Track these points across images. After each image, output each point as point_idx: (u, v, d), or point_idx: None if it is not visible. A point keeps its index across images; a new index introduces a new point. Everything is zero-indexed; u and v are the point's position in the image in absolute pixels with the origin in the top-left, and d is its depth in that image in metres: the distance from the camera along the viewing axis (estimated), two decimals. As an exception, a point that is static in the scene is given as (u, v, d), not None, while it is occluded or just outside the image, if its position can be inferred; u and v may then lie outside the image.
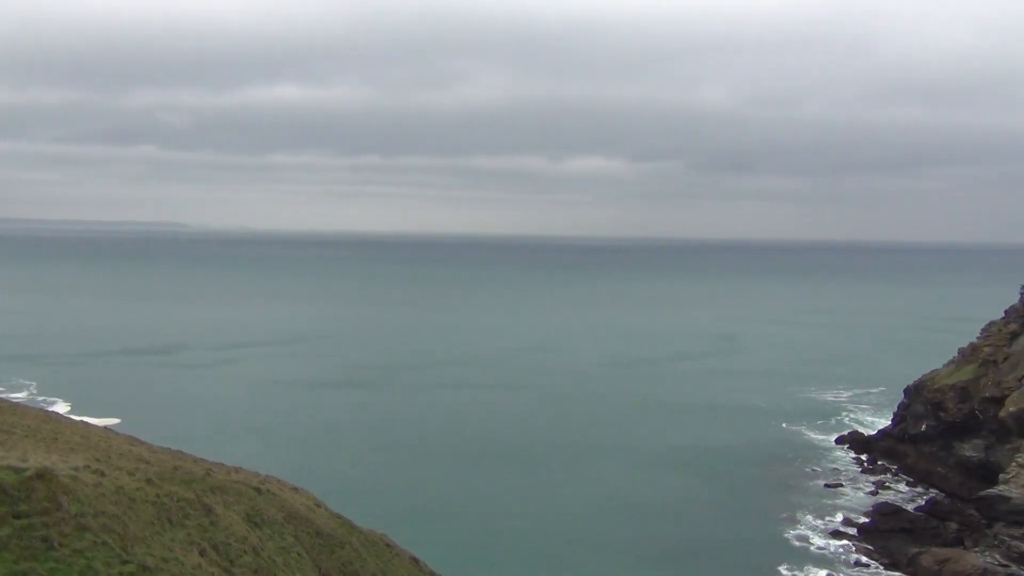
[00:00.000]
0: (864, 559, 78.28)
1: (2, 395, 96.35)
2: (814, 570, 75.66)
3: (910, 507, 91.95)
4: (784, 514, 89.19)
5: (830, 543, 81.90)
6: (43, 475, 22.81)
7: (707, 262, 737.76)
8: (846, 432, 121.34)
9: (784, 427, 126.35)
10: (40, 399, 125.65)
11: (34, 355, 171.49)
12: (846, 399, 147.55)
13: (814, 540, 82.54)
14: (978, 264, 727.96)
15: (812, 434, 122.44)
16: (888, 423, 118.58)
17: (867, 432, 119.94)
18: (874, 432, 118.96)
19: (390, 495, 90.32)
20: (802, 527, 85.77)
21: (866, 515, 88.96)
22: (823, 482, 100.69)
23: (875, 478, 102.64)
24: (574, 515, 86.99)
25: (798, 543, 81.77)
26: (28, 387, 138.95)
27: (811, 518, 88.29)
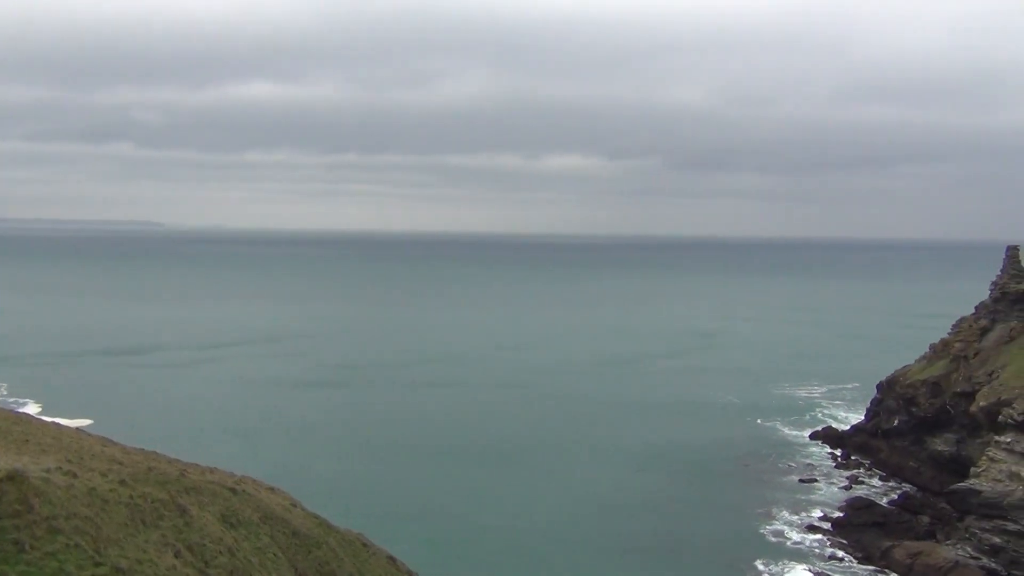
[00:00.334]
0: (839, 553, 79.09)
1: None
2: (790, 564, 76.35)
3: (883, 501, 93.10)
4: (759, 509, 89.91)
5: (805, 538, 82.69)
6: (14, 477, 22.55)
7: (683, 259, 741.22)
8: (820, 428, 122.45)
9: (759, 423, 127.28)
10: (11, 400, 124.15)
11: (4, 356, 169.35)
12: (820, 395, 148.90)
13: (789, 535, 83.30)
14: (949, 260, 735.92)
15: (787, 430, 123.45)
16: (861, 418, 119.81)
17: (841, 427, 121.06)
18: (847, 427, 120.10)
19: (367, 495, 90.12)
20: (777, 522, 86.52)
21: (840, 510, 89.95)
22: (798, 477, 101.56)
23: (849, 473, 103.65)
24: (550, 513, 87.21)
25: (774, 538, 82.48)
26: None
27: (786, 513, 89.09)
